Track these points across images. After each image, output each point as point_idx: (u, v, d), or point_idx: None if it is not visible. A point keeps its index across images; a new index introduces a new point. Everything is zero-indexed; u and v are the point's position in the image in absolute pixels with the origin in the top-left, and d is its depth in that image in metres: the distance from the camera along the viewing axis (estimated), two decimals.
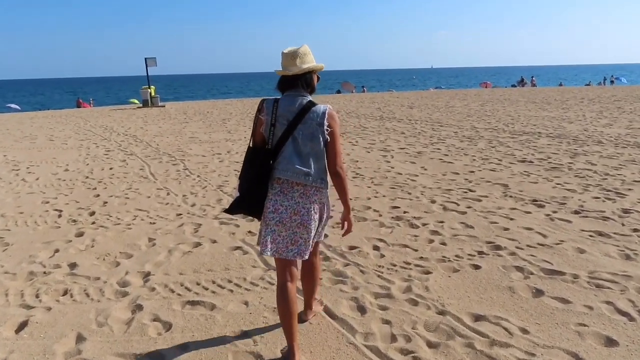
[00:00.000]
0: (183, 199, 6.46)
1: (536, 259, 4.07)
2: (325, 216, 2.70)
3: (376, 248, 4.42)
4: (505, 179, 7.07)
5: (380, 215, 5.44)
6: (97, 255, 4.46)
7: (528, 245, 4.35)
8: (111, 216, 5.74)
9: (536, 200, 5.83)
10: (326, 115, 2.51)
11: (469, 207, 5.63)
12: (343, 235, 2.78)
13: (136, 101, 27.18)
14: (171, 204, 6.22)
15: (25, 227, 5.37)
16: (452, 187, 6.67)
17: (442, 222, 5.13)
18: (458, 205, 5.75)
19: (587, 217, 5.14)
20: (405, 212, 5.52)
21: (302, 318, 3.08)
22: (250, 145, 2.65)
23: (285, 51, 2.55)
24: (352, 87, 41.38)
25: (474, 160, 8.60)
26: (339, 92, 39.51)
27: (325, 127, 2.50)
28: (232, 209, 2.64)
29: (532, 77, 45.38)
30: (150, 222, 5.45)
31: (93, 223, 5.48)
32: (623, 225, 4.84)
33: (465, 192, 6.33)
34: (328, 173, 2.61)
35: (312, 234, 2.60)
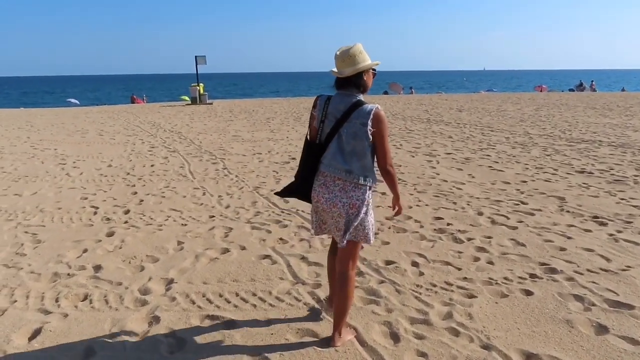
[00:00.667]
0: (218, 200, 6.29)
1: (599, 287, 3.59)
2: (362, 214, 2.66)
3: (415, 264, 4.06)
4: (561, 191, 6.51)
5: (422, 227, 5.06)
6: (123, 257, 4.32)
7: (589, 270, 3.86)
8: (144, 215, 5.64)
9: (597, 217, 5.27)
10: (371, 115, 2.57)
11: (520, 222, 5.15)
12: (394, 215, 2.99)
13: (187, 98, 27.68)
14: (205, 205, 6.06)
15: (59, 224, 5.33)
16: (501, 198, 6.18)
17: (489, 237, 4.69)
18: (508, 219, 5.28)
19: None
20: (449, 224, 5.12)
21: (330, 344, 2.83)
22: (307, 138, 2.81)
23: (337, 52, 2.62)
24: (399, 88, 40.69)
25: (527, 169, 8.02)
26: (386, 93, 38.93)
27: (369, 127, 2.56)
28: (282, 193, 2.88)
29: (592, 81, 43.11)
30: (182, 224, 5.29)
31: (126, 222, 5.38)
32: None
33: (517, 205, 5.84)
34: (374, 170, 2.67)
35: (354, 223, 2.66)
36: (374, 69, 2.71)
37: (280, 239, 4.76)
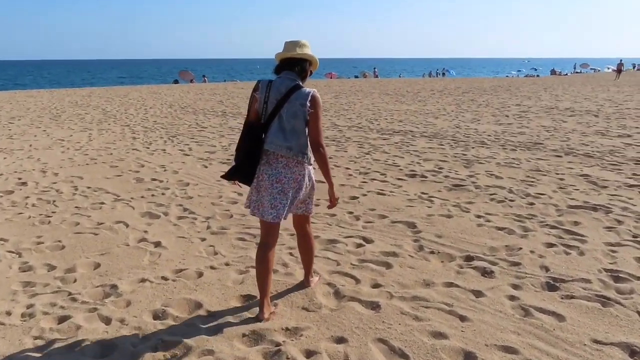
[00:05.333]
0: None
1: None
2: (307, 189, 2.86)
3: None
4: (404, 209, 4.90)
5: (230, 324, 2.77)
6: None
7: None
8: None
9: (471, 259, 3.67)
10: (309, 97, 2.75)
11: (378, 287, 3.24)
12: (328, 207, 3.05)
13: None
14: None
15: None
16: (334, 233, 4.25)
17: (342, 340, 2.63)
18: (358, 282, 3.32)
19: (573, 297, 3.06)
20: (271, 312, 2.93)
21: (304, 285, 3.25)
22: (246, 120, 2.91)
23: (288, 40, 2.85)
24: (191, 76, 37.59)
25: (350, 176, 6.36)
26: (176, 82, 35.28)
27: (307, 108, 2.74)
28: (228, 176, 2.86)
29: (374, 68, 46.23)
30: None
31: None
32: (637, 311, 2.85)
33: (360, 246, 3.96)
34: (310, 149, 2.81)
35: (290, 201, 2.80)
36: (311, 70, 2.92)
37: None
